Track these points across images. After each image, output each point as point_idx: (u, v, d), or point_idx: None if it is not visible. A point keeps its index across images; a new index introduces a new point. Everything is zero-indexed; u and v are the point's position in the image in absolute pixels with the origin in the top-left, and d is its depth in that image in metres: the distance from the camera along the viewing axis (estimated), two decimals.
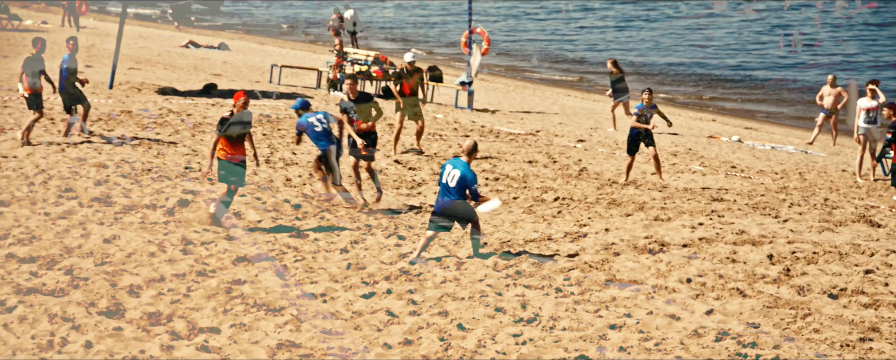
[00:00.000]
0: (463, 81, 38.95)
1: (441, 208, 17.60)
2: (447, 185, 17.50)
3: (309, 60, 50.27)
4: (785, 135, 40.45)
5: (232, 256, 17.09)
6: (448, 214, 17.60)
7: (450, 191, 17.49)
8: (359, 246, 18.17)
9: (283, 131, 28.97)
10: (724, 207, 23.02)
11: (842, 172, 30.12)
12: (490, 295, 15.67)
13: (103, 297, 14.76)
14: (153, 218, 19.19)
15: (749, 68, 59.36)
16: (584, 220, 21.17)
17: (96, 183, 21.22)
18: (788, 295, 16.30)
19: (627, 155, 25.66)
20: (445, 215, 17.63)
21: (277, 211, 20.38)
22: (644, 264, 17.75)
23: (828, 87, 36.19)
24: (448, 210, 17.58)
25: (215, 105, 32.47)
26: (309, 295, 15.48)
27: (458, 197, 17.47)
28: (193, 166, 23.52)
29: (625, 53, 65.20)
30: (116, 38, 35.89)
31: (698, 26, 75.74)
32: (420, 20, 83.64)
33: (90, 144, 24.92)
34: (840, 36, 69.19)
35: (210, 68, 44.50)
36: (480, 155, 27.55)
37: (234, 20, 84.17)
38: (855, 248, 19.27)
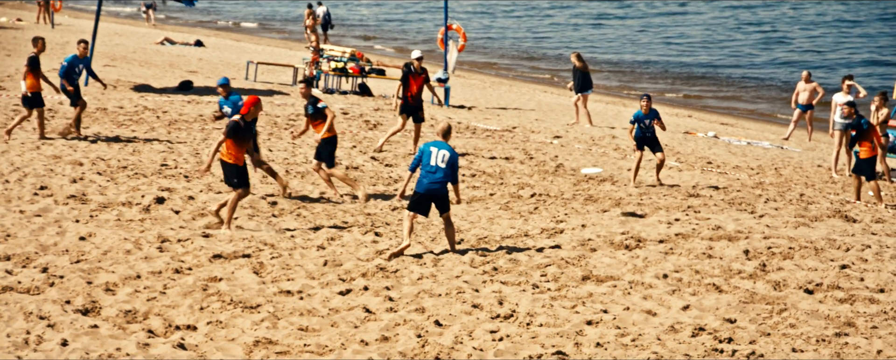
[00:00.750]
0: (439, 77, 38.94)
1: (429, 189, 17.57)
2: (437, 166, 17.51)
3: (285, 57, 50.21)
4: (761, 130, 40.57)
5: (208, 253, 17.05)
6: (437, 194, 17.62)
7: (439, 172, 17.51)
8: (335, 243, 18.15)
9: (259, 128, 28.93)
10: (701, 202, 23.07)
11: (817, 167, 30.22)
12: (467, 291, 15.66)
13: (79, 295, 14.71)
14: (129, 215, 19.14)
15: (724, 64, 59.49)
16: (561, 216, 21.19)
17: (72, 180, 21.16)
18: (764, 290, 16.34)
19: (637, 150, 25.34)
20: (432, 197, 17.64)
21: (254, 208, 20.35)
22: (620, 260, 17.78)
23: (803, 82, 36.29)
24: (438, 191, 17.61)
25: (191, 102, 32.41)
26: (285, 292, 15.45)
27: (449, 177, 17.56)
28: (169, 164, 23.46)
29: (600, 50, 65.29)
30: (92, 35, 35.77)
31: (673, 23, 75.86)
32: (396, 17, 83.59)
33: (65, 142, 24.84)
34: (813, 33, 69.40)
35: (186, 65, 44.40)
36: (457, 152, 27.56)
37: (209, 17, 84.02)
38: (830, 243, 19.32)
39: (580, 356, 13.29)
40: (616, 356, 13.29)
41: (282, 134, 28.24)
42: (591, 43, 67.81)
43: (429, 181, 17.61)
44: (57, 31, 55.86)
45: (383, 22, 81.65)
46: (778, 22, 74.00)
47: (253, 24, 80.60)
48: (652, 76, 56.79)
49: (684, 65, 59.74)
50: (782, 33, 69.14)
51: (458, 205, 20.90)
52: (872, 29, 68.81)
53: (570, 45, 67.15)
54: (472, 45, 60.87)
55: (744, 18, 75.92)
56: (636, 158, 25.13)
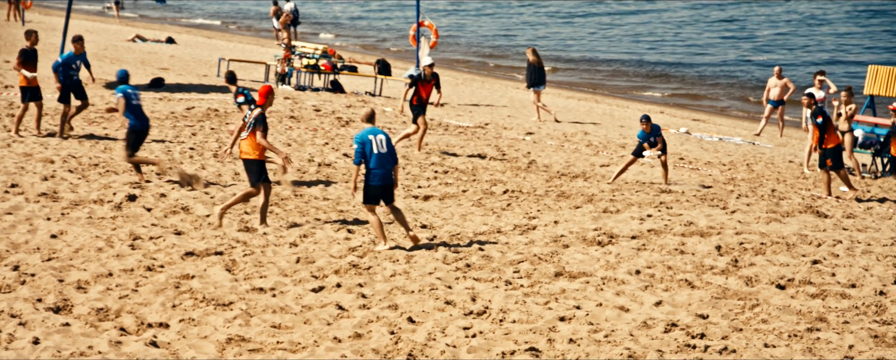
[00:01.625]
0: (411, 74, 38.92)
1: (384, 179, 17.67)
2: (381, 154, 17.57)
3: (257, 54, 50.11)
4: (732, 126, 40.67)
5: (180, 251, 17.01)
6: (388, 183, 17.73)
7: (384, 158, 17.60)
8: (308, 240, 18.13)
9: (231, 126, 28.88)
10: (673, 198, 23.13)
11: (789, 163, 30.32)
12: (440, 288, 15.66)
13: (50, 293, 14.66)
14: (101, 213, 19.08)
15: (696, 61, 59.61)
16: (534, 212, 21.22)
17: (43, 178, 21.07)
18: (736, 286, 16.39)
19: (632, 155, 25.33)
20: (388, 186, 17.75)
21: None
22: (593, 256, 17.80)
23: (774, 78, 36.39)
24: (389, 179, 17.72)
25: (162, 99, 32.32)
26: (258, 290, 15.43)
27: (394, 160, 17.68)
28: None
29: (574, 47, 65.34)
30: (62, 32, 35.62)
31: (644, 20, 76.00)
32: (366, 14, 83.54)
33: (36, 138, 24.74)
34: (783, 30, 69.63)
35: (157, 62, 44.27)
36: (429, 148, 27.55)
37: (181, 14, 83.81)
38: (802, 238, 19.39)
39: (553, 353, 13.31)
40: (589, 353, 13.31)
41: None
42: (562, 40, 67.87)
43: (382, 171, 17.67)
44: (26, 28, 55.61)
45: (354, 19, 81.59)
46: (749, 19, 74.20)
47: (216, 21, 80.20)
48: (624, 73, 56.87)
49: (656, 62, 59.84)
50: (753, 30, 69.34)
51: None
52: (843, 27, 69.05)
53: (542, 42, 67.18)
54: (444, 41, 60.85)
55: (715, 16, 76.12)
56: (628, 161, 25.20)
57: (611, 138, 32.20)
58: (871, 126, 30.50)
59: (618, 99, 48.87)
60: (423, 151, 27.20)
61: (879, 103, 32.74)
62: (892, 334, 14.29)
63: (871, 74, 32.00)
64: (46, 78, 30.64)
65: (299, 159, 24.78)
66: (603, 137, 32.25)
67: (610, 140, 31.81)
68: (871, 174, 29.08)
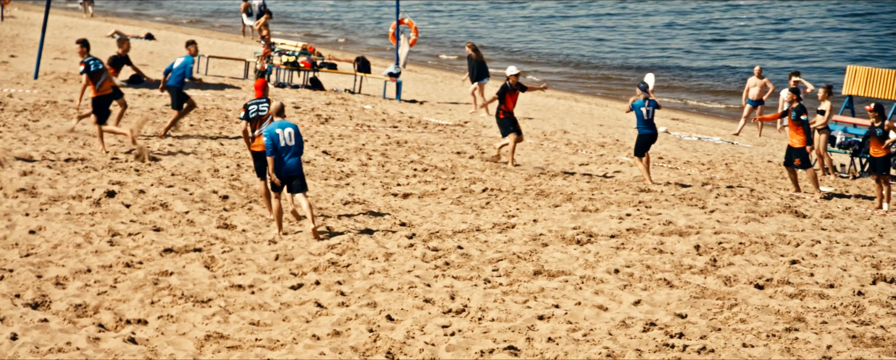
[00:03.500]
0: (391, 71, 38.91)
1: (289, 171, 18.18)
2: (287, 146, 18.10)
3: (237, 51, 50.03)
4: (711, 126, 40.77)
5: (159, 247, 16.99)
6: (296, 173, 18.21)
7: (291, 150, 18.13)
8: (287, 237, 18.12)
9: (210, 122, 28.83)
10: (652, 197, 23.17)
11: (768, 162, 30.40)
12: (418, 286, 15.67)
13: (29, 288, 14.63)
14: (79, 209, 19.03)
15: (675, 60, 59.73)
16: (513, 211, 21.23)
17: (21, 174, 21.01)
18: (715, 286, 16.43)
19: (636, 158, 25.31)
20: (293, 177, 18.23)
21: (205, 202, 20.27)
22: (572, 255, 17.82)
23: (754, 78, 36.50)
24: (297, 169, 18.21)
25: (141, 95, 32.26)
26: (237, 287, 15.42)
27: (300, 151, 18.26)
28: (119, 157, 23.34)
29: (557, 46, 65.40)
30: (41, 27, 35.54)
31: (623, 20, 76.12)
32: (351, 10, 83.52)
33: (12, 131, 24.66)
34: (765, 29, 69.79)
35: (136, 59, 44.11)
36: (409, 146, 27.56)
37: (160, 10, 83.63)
38: (781, 238, 19.45)
39: (532, 351, 13.33)
40: (567, 351, 13.33)
41: (233, 128, 28.13)
42: (541, 39, 67.94)
43: (288, 164, 18.17)
44: (7, 23, 55.47)
45: (332, 17, 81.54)
46: (728, 19, 74.39)
47: (188, 18, 79.96)
48: (603, 73, 56.94)
49: (635, 61, 59.94)
50: (733, 30, 69.52)
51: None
52: (819, 31, 69.26)
53: (523, 42, 67.24)
54: (423, 39, 60.85)
55: (695, 16, 76.30)
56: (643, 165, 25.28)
57: (590, 137, 32.24)
58: (849, 126, 30.59)
59: (597, 98, 48.94)
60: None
61: (858, 103, 32.83)
62: (870, 334, 14.35)
63: (849, 75, 32.10)
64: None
65: None
66: (582, 136, 32.28)
67: (589, 138, 31.84)
68: (849, 175, 29.17)
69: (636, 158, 25.29)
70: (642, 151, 25.22)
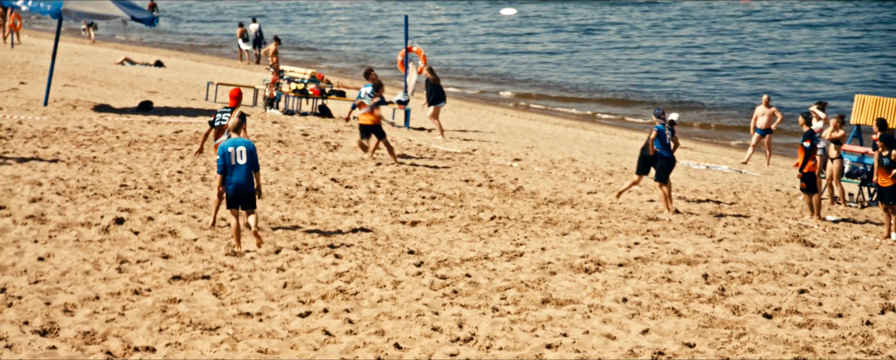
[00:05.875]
0: (400, 99, 38.96)
1: (237, 188, 18.61)
2: (239, 165, 18.53)
3: (245, 78, 50.13)
4: (719, 154, 40.75)
5: (168, 274, 17.00)
6: (245, 192, 18.64)
7: (240, 168, 18.57)
8: (295, 265, 18.12)
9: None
10: (660, 226, 23.16)
11: (776, 191, 30.37)
12: (426, 314, 15.66)
13: (37, 315, 14.64)
14: (88, 236, 19.05)
15: (684, 89, 59.74)
16: (521, 239, 21.23)
17: (31, 200, 21.05)
18: (723, 315, 16.41)
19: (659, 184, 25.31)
20: (246, 194, 18.64)
21: (213, 229, 20.28)
22: (580, 284, 17.81)
23: (762, 107, 36.51)
24: (245, 188, 18.63)
25: (151, 123, 32.32)
26: (245, 314, 15.42)
27: (251, 168, 18.64)
28: (128, 184, 23.38)
29: (571, 74, 65.40)
30: (51, 54, 35.65)
31: (636, 48, 76.16)
32: (360, 38, 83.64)
33: (24, 162, 24.70)
34: (778, 59, 69.78)
35: (146, 86, 44.29)
36: (417, 174, 27.57)
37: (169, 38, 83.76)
38: (789, 267, 19.43)
39: None
40: None
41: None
42: (553, 68, 67.98)
43: (236, 180, 18.61)
44: (16, 50, 55.63)
45: (342, 44, 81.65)
46: (738, 48, 74.41)
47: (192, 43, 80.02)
48: (613, 101, 56.95)
49: (645, 89, 59.96)
50: (742, 60, 69.53)
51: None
52: (832, 59, 69.25)
53: (536, 70, 67.28)
54: (433, 68, 60.90)
55: (703, 45, 76.33)
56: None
57: (598, 165, 32.25)
58: (858, 155, 30.57)
59: (605, 126, 48.95)
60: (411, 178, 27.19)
61: (866, 133, 32.80)
62: None
63: (857, 104, 32.10)
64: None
65: (287, 184, 24.79)
66: (590, 164, 32.29)
67: (597, 166, 31.85)
68: (857, 204, 29.15)
69: (658, 183, 25.28)
70: (665, 177, 25.22)
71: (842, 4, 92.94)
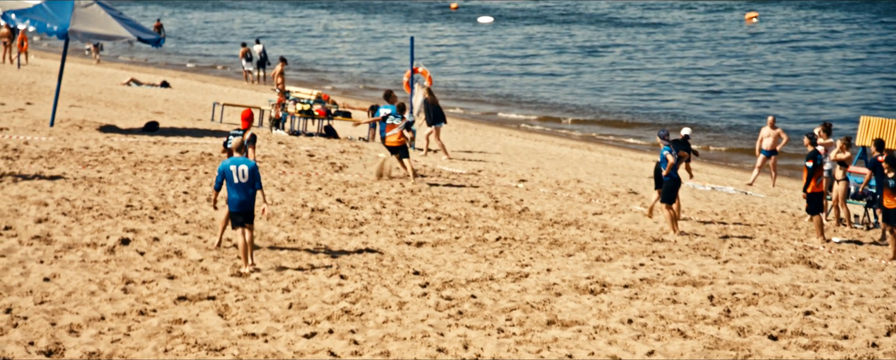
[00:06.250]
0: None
1: (240, 206, 18.84)
2: (241, 183, 18.75)
3: (251, 98, 50.20)
4: (725, 176, 40.74)
5: (173, 295, 17.01)
6: (247, 210, 18.85)
7: (244, 187, 18.80)
8: (300, 286, 18.13)
9: None
10: (665, 247, 23.15)
11: (781, 213, 30.36)
12: (432, 335, 15.66)
13: (43, 336, 14.65)
14: (94, 256, 19.07)
15: (689, 110, 59.78)
16: (526, 260, 21.22)
17: (37, 221, 21.08)
18: (729, 336, 16.40)
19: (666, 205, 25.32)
20: (244, 213, 18.82)
21: (219, 250, 20.30)
22: (585, 305, 17.81)
23: (767, 128, 36.50)
24: (247, 205, 18.85)
25: (157, 143, 32.36)
26: (250, 335, 15.42)
27: (254, 187, 18.83)
28: (134, 205, 23.40)
29: (574, 95, 65.46)
30: (58, 75, 35.71)
31: (642, 68, 76.23)
32: (366, 59, 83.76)
33: (29, 182, 24.74)
34: (782, 82, 69.80)
35: (152, 106, 44.36)
36: (423, 195, 27.58)
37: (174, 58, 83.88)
38: (794, 289, 19.42)
39: None
40: None
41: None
42: (558, 89, 68.03)
43: (238, 199, 18.82)
44: (23, 71, 55.74)
45: (347, 65, 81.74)
46: (743, 69, 74.45)
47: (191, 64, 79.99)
48: (621, 122, 56.98)
49: (651, 111, 59.99)
50: (747, 81, 69.57)
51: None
52: (837, 81, 69.30)
53: (541, 91, 67.33)
54: (438, 88, 61.00)
55: (710, 65, 76.40)
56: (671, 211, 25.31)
57: (603, 186, 32.25)
58: (862, 176, 30.55)
59: (610, 147, 48.97)
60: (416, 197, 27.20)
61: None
62: None
63: (863, 126, 32.11)
64: None
65: (292, 204, 24.81)
66: (596, 186, 32.29)
67: (603, 188, 31.85)
68: (863, 225, 29.13)
69: (664, 204, 25.28)
70: (670, 198, 25.24)
71: (847, 27, 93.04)
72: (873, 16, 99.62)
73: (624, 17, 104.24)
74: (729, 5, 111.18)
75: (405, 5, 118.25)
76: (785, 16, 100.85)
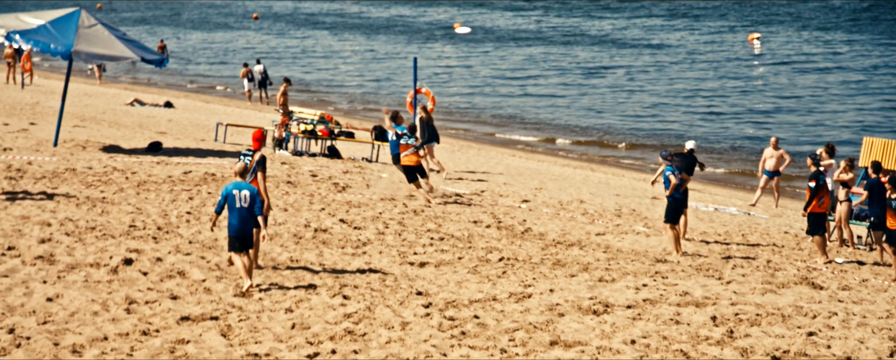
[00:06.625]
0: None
1: (240, 231, 18.94)
2: (242, 207, 18.85)
3: (254, 119, 50.27)
4: (728, 196, 40.75)
5: (176, 315, 17.01)
6: (245, 235, 18.95)
7: (244, 211, 18.90)
8: (303, 306, 18.13)
9: None
10: (668, 268, 23.15)
11: (784, 233, 30.36)
12: (435, 356, 15.66)
13: (46, 356, 14.65)
14: (97, 277, 19.08)
15: (691, 131, 59.81)
16: (529, 280, 21.23)
17: (40, 241, 21.10)
18: (732, 357, 16.39)
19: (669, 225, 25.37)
20: (245, 237, 18.93)
21: (222, 270, 20.31)
22: (589, 325, 17.80)
23: (770, 149, 36.53)
24: (246, 231, 18.94)
25: (160, 163, 32.39)
26: (253, 355, 15.42)
27: (254, 214, 18.90)
28: (137, 225, 23.42)
29: (577, 115, 65.51)
30: (61, 95, 35.77)
31: (646, 89, 76.31)
32: (369, 79, 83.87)
33: (32, 202, 24.76)
34: (784, 103, 69.87)
35: (155, 126, 44.41)
36: (426, 215, 27.59)
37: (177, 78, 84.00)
38: (797, 310, 19.41)
39: None
40: None
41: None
42: (561, 110, 68.09)
43: (237, 223, 18.91)
44: (27, 91, 55.81)
45: (350, 85, 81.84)
46: (746, 91, 74.53)
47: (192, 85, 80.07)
48: (624, 142, 57.02)
49: (654, 131, 60.04)
50: (749, 103, 69.63)
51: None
52: (839, 104, 69.35)
53: (546, 110, 67.39)
54: (441, 108, 61.05)
55: (712, 87, 76.48)
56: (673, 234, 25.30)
57: (606, 207, 32.25)
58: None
59: (613, 167, 48.99)
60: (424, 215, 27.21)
61: None
62: None
63: (866, 147, 32.13)
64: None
65: (296, 225, 24.82)
66: (599, 206, 32.30)
67: (606, 209, 31.86)
68: (866, 247, 29.13)
69: (667, 224, 25.30)
70: (673, 218, 25.27)
71: (850, 48, 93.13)
72: (875, 37, 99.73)
73: (626, 38, 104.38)
74: (731, 26, 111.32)
75: (408, 26, 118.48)
76: (787, 37, 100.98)
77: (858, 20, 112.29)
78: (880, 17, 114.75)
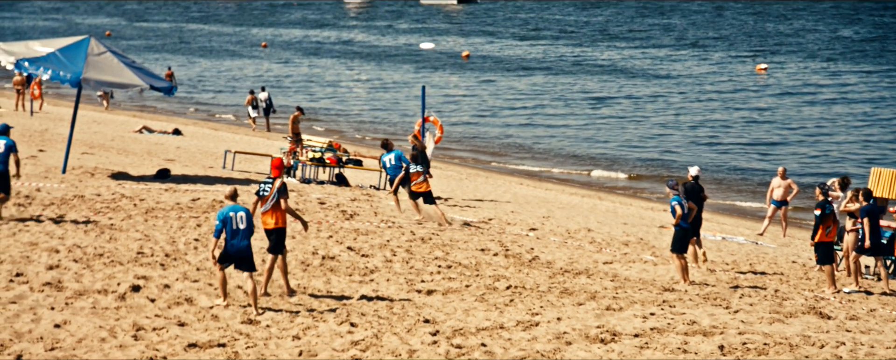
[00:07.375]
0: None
1: (238, 251, 19.31)
2: (239, 229, 19.21)
3: (263, 146, 50.34)
4: (735, 225, 40.72)
5: (183, 342, 17.03)
6: (244, 256, 19.33)
7: (241, 232, 19.28)
8: (311, 333, 18.14)
9: None
10: (676, 297, 23.14)
11: (792, 263, 30.33)
12: None
13: None
14: (104, 303, 19.11)
15: (698, 160, 59.85)
16: (537, 308, 21.22)
17: (48, 267, 21.13)
18: None
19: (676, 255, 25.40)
20: (242, 258, 19.30)
21: (229, 297, 20.32)
22: (596, 354, 17.79)
23: (778, 179, 36.52)
24: (245, 252, 19.33)
25: (168, 190, 32.45)
26: None
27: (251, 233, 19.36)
28: (145, 252, 23.45)
29: (583, 144, 65.60)
30: (70, 122, 35.84)
31: (651, 117, 76.38)
32: (378, 107, 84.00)
33: (40, 225, 24.80)
34: (794, 134, 69.92)
35: (164, 153, 44.48)
36: (433, 243, 27.60)
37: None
38: (805, 339, 19.39)
39: None
40: None
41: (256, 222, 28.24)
42: (567, 139, 68.14)
43: (237, 244, 19.31)
44: (35, 118, 55.92)
45: (358, 113, 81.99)
46: (753, 121, 74.57)
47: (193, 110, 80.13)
48: (628, 170, 57.04)
49: (661, 160, 60.08)
50: (756, 133, 69.66)
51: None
52: (846, 135, 69.38)
53: (551, 141, 67.45)
54: (449, 136, 61.16)
55: (719, 117, 76.52)
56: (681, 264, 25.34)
57: (614, 235, 32.25)
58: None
59: (620, 196, 48.99)
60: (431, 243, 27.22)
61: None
62: None
63: (874, 177, 32.11)
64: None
65: (303, 252, 24.84)
66: (606, 235, 32.30)
67: (613, 237, 31.85)
68: (874, 276, 29.08)
69: (675, 254, 25.31)
70: (683, 247, 25.29)
71: (857, 79, 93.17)
72: (882, 68, 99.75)
73: (633, 68, 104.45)
74: (738, 57, 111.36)
75: (416, 55, 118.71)
76: (795, 68, 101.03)
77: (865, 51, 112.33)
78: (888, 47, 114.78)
